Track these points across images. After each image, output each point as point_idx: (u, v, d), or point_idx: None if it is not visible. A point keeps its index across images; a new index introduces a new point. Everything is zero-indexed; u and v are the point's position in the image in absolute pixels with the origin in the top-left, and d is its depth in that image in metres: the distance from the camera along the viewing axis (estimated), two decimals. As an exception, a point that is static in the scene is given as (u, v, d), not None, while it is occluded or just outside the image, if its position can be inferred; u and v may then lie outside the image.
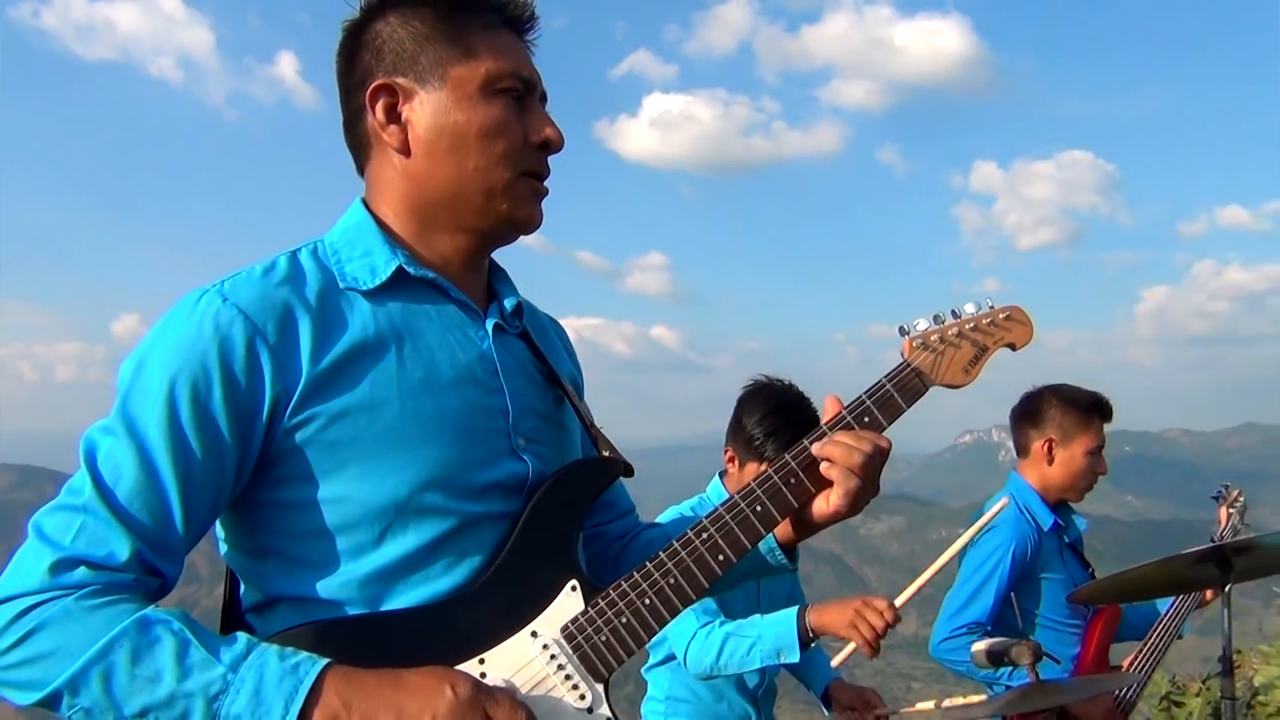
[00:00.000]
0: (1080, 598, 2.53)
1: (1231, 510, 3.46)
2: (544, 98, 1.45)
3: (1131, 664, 3.21)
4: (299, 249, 1.37)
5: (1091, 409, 3.36)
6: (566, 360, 1.61)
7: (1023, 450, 3.43)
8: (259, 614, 1.32)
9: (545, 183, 1.44)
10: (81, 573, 1.16)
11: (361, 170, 1.46)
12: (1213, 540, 2.19)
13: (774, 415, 2.79)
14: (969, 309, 1.53)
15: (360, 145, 1.44)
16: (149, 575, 1.21)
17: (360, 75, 1.40)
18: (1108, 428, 3.39)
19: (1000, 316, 1.54)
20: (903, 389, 1.47)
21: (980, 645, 2.54)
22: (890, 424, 1.45)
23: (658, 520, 1.91)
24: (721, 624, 2.61)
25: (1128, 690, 3.12)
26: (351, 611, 1.27)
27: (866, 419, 1.44)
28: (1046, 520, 3.29)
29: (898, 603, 2.61)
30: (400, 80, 1.37)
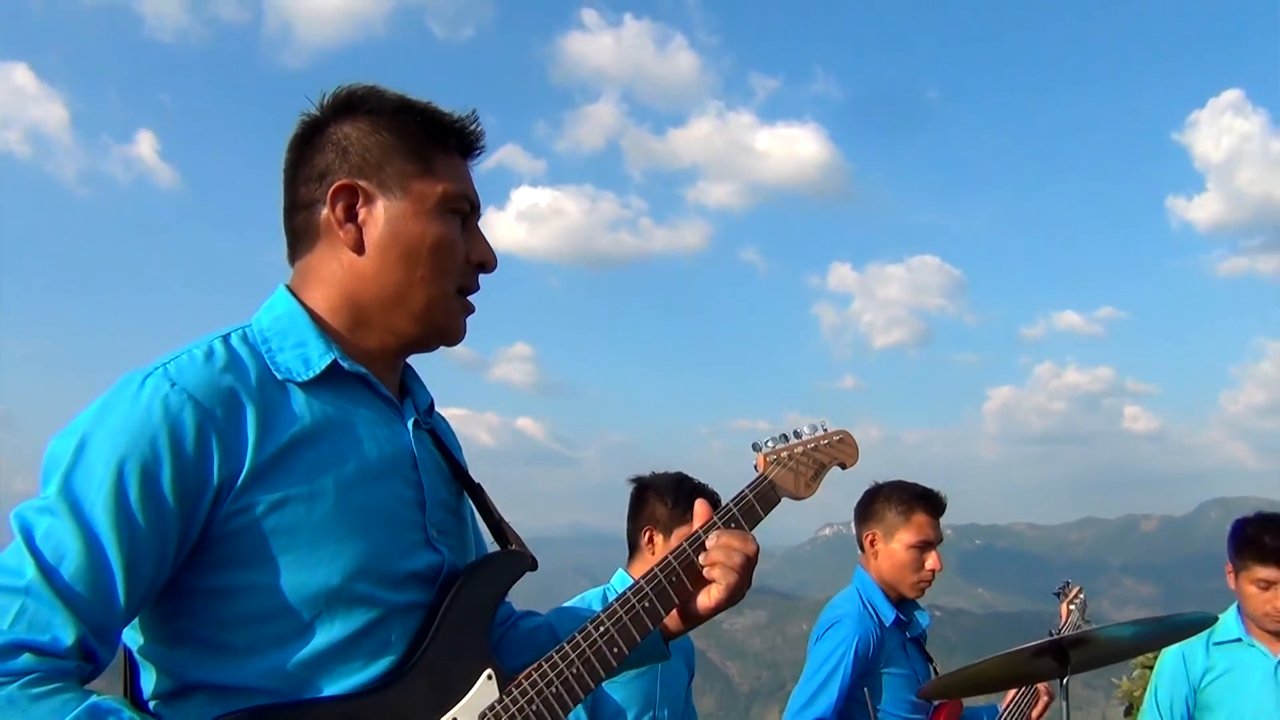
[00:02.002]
0: (927, 694, 2.56)
1: (1072, 607, 3.56)
2: (479, 216, 1.55)
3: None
4: (228, 334, 1.38)
5: (915, 501, 3.37)
6: (463, 455, 1.68)
7: (860, 545, 3.47)
8: (168, 703, 1.30)
9: (473, 299, 1.54)
10: (25, 659, 1.13)
11: (294, 258, 1.50)
12: (1051, 634, 2.26)
13: (683, 484, 3.07)
14: (807, 430, 1.76)
15: (303, 235, 1.48)
16: (86, 661, 1.19)
17: (320, 171, 1.45)
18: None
19: (835, 439, 1.80)
20: (761, 499, 1.66)
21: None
22: (752, 529, 1.63)
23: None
24: None
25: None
26: (274, 700, 1.27)
27: (733, 525, 1.61)
28: (888, 615, 3.29)
29: None
30: (363, 183, 1.43)
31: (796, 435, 1.74)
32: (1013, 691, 3.32)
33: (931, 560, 3.33)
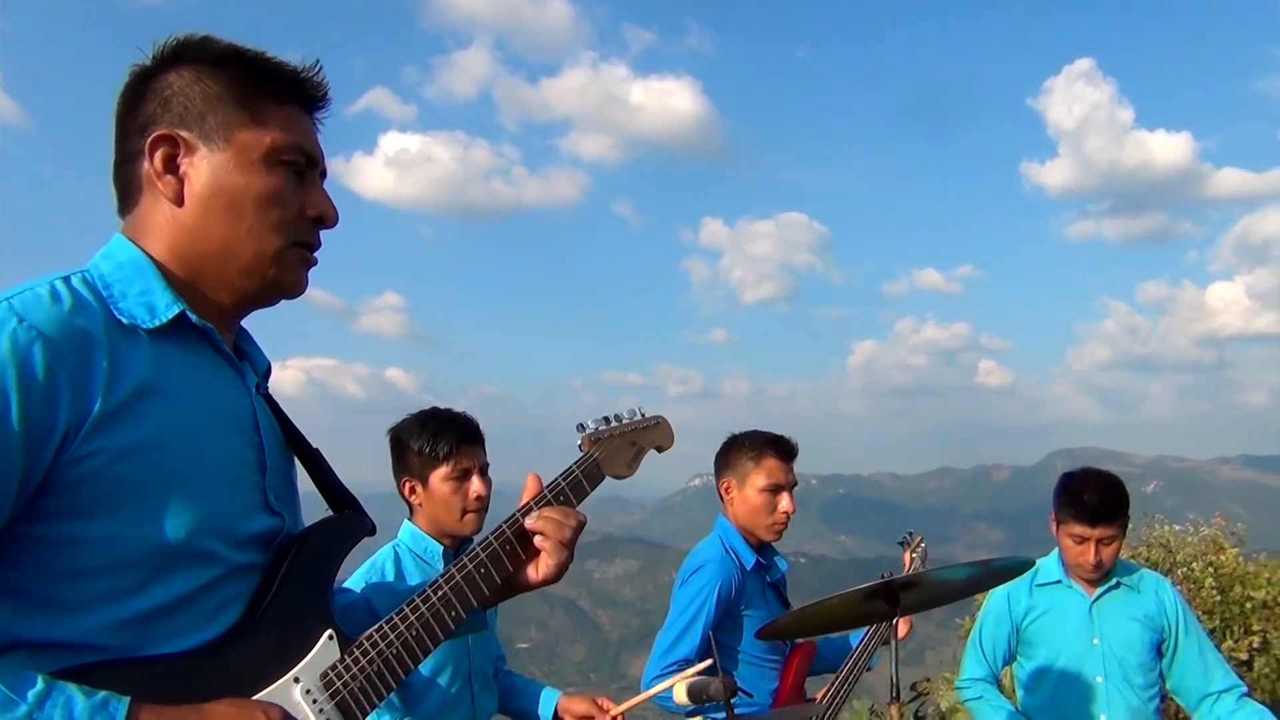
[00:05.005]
0: (765, 633, 2.68)
1: (914, 555, 3.77)
2: (324, 174, 1.51)
3: (825, 695, 3.41)
4: (68, 276, 1.32)
5: (765, 446, 3.47)
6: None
7: (719, 494, 3.57)
8: None
9: (315, 253, 1.49)
10: None
11: (123, 211, 1.45)
12: (883, 576, 2.41)
13: (429, 421, 2.89)
14: (626, 414, 1.84)
15: (129, 186, 1.43)
16: None
17: (142, 121, 1.40)
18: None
19: (651, 424, 1.89)
20: (588, 476, 1.73)
21: (680, 685, 2.64)
22: (579, 503, 1.70)
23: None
24: None
25: (820, 718, 3.35)
26: (105, 657, 1.23)
27: (562, 499, 1.67)
28: (749, 559, 3.41)
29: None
30: (184, 133, 1.39)
31: (618, 418, 1.81)
32: (864, 635, 3.50)
33: (784, 503, 3.43)
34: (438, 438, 2.85)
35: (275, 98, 1.44)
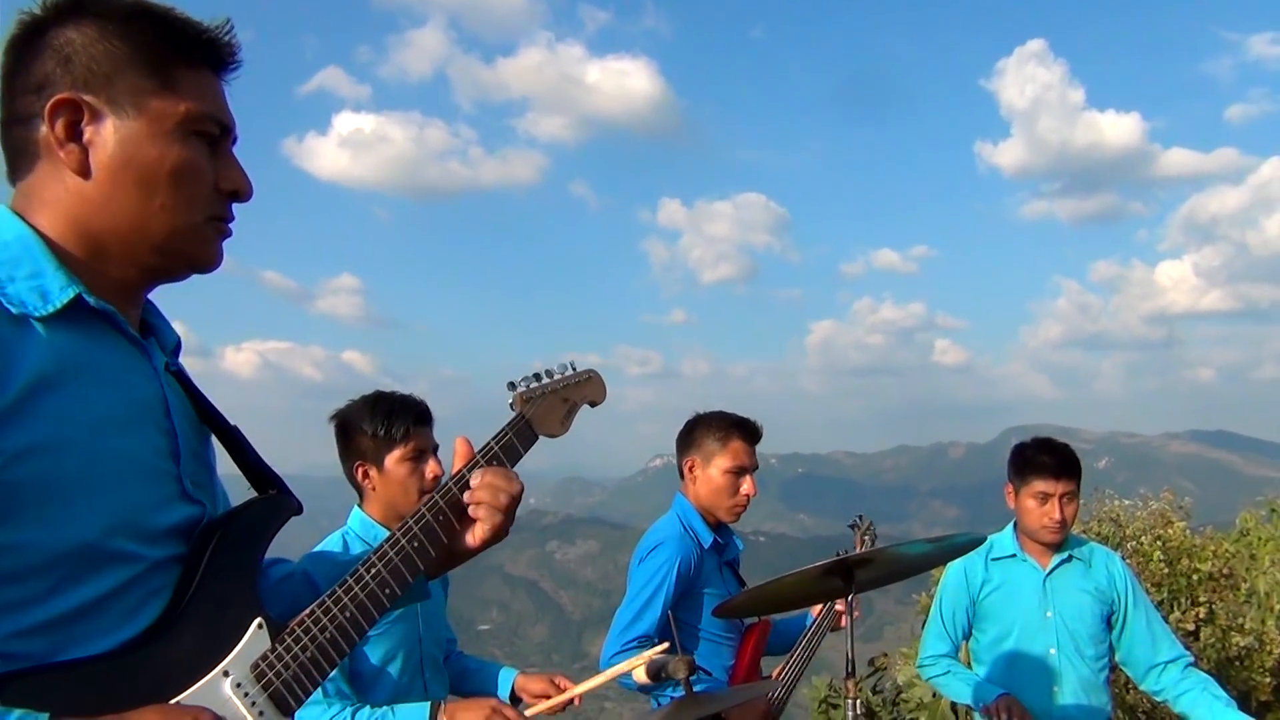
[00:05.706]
0: (723, 611, 2.69)
1: (865, 537, 3.82)
2: (235, 140, 1.40)
3: (780, 672, 3.46)
4: None
5: (731, 429, 3.48)
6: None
7: (680, 472, 3.59)
8: None
9: (230, 225, 1.39)
10: None
11: (13, 178, 1.32)
12: (838, 554, 2.44)
13: (380, 404, 2.85)
14: (558, 370, 1.76)
15: (21, 152, 1.30)
16: None
17: (39, 80, 1.27)
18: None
19: (583, 378, 1.80)
20: (520, 437, 1.63)
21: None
22: (513, 466, 1.61)
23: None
24: (355, 712, 2.55)
25: (776, 695, 3.38)
26: (17, 665, 1.14)
27: (495, 463, 1.58)
28: (706, 538, 3.42)
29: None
30: (89, 98, 1.26)
31: (549, 375, 1.73)
32: (817, 614, 3.56)
33: (747, 485, 3.44)
34: (392, 419, 2.80)
35: (187, 61, 1.32)
